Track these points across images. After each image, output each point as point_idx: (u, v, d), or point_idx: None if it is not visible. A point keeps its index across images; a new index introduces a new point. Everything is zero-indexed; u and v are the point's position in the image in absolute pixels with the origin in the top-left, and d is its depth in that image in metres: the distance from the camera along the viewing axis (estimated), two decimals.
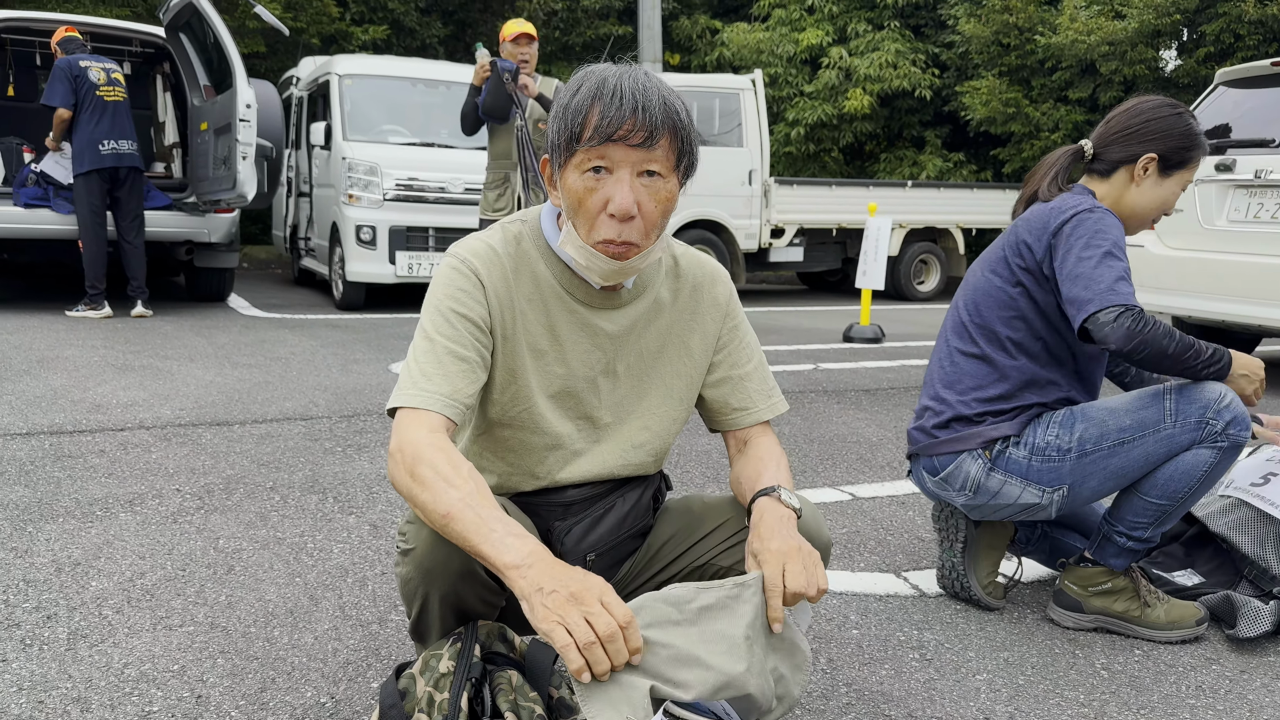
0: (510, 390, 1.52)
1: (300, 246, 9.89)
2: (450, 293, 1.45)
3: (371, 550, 2.60)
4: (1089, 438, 2.10)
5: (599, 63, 1.45)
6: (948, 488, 2.24)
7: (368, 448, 3.65)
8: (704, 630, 1.26)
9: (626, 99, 1.34)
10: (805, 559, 1.37)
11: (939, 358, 2.31)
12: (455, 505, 1.26)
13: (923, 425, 2.29)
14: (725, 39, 15.10)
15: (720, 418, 1.67)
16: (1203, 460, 2.06)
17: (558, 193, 1.45)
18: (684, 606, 1.27)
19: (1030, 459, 2.14)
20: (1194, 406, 2.06)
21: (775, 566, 1.36)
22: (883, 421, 4.42)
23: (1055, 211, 2.14)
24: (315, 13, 13.27)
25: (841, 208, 10.76)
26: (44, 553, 2.49)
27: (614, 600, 1.19)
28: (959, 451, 2.20)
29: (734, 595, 1.31)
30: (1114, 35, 12.07)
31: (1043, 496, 2.16)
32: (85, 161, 6.71)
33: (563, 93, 1.41)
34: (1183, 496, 2.09)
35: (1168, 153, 2.19)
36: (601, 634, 1.15)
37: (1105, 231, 2.06)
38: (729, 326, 1.66)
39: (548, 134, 1.43)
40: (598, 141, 1.35)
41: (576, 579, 1.19)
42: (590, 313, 1.53)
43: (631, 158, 1.36)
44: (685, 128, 1.39)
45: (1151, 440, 2.07)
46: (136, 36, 8.21)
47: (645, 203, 1.39)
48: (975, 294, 2.26)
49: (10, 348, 5.49)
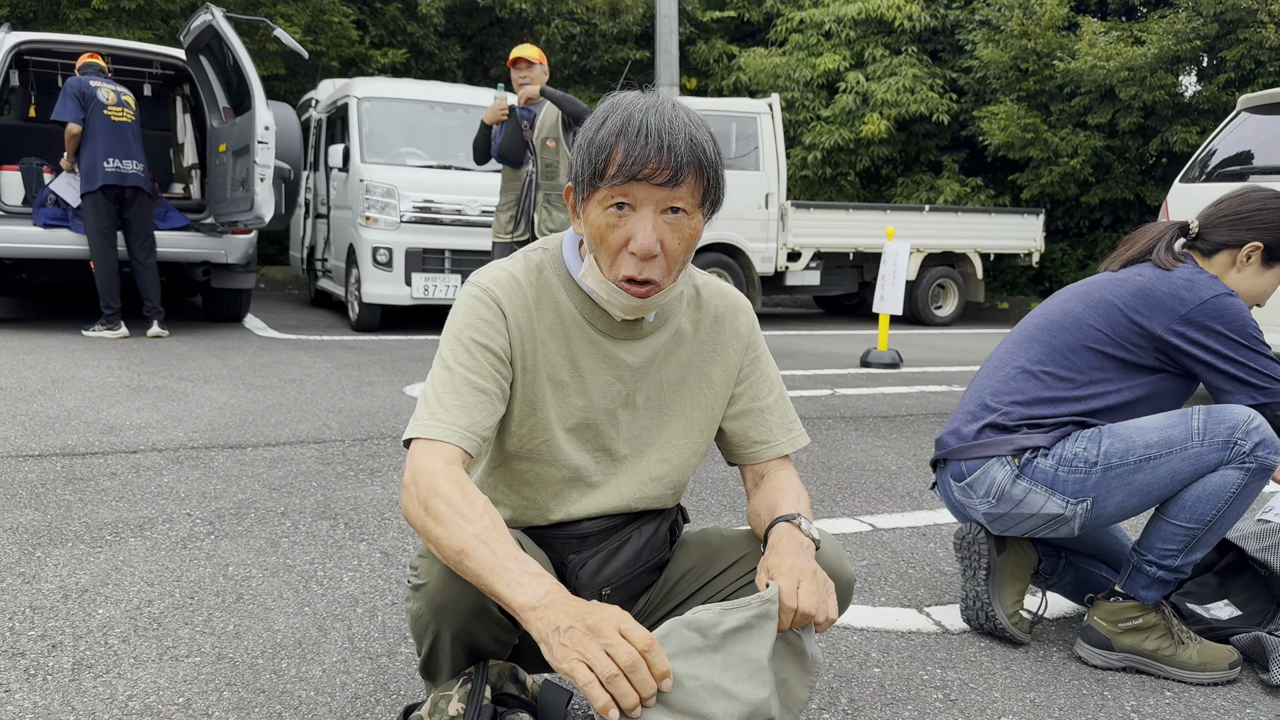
0: (529, 422, 1.48)
1: (317, 268, 9.92)
2: (471, 322, 1.42)
3: (382, 579, 2.55)
4: (1115, 452, 2.08)
5: (621, 90, 1.42)
6: (971, 494, 2.21)
7: (380, 472, 3.61)
8: (729, 655, 1.23)
9: (652, 137, 1.31)
10: (820, 584, 1.34)
11: (992, 369, 2.28)
12: (470, 541, 1.22)
13: (955, 429, 2.26)
14: (742, 63, 15.13)
15: (740, 451, 1.63)
16: (1230, 481, 2.01)
17: (579, 223, 1.41)
18: (709, 632, 1.24)
19: (1057, 469, 2.11)
20: (1222, 426, 2.02)
21: (790, 582, 1.32)
22: (902, 449, 4.36)
23: (1188, 286, 2.11)
24: (335, 36, 13.38)
25: (858, 232, 10.72)
26: (52, 578, 2.46)
27: (632, 626, 1.14)
28: (988, 457, 2.17)
29: (761, 613, 1.27)
30: (1133, 61, 12.02)
31: (1066, 508, 2.12)
32: (92, 179, 6.75)
33: (588, 124, 1.38)
34: (1211, 520, 2.05)
35: (1274, 244, 2.18)
36: (624, 665, 1.11)
37: (1250, 320, 2.10)
38: (750, 358, 1.62)
39: (572, 164, 1.39)
40: (621, 180, 1.32)
41: (592, 611, 1.15)
42: (611, 344, 1.50)
43: (655, 196, 1.32)
44: (711, 164, 1.36)
45: (1178, 458, 2.04)
46: (157, 59, 8.28)
47: (668, 240, 1.35)
48: (1066, 327, 2.21)
49: (26, 367, 5.49)
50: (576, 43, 15.09)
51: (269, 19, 11.94)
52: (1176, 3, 12.12)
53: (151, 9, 11.89)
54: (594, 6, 14.93)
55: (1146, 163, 13.25)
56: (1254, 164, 5.68)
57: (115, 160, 6.80)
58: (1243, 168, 5.70)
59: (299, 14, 12.72)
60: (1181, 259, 2.20)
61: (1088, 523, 2.14)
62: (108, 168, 6.76)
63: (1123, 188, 13.26)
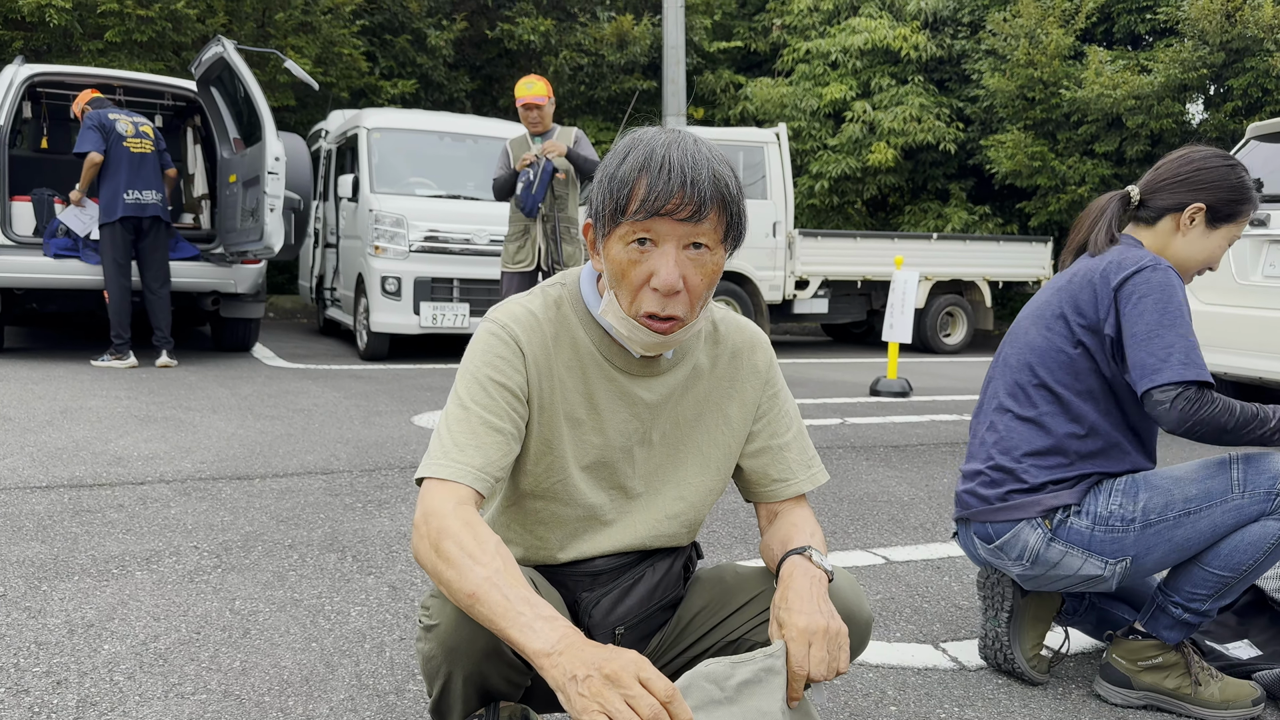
0: (545, 460, 1.46)
1: (326, 297, 9.94)
2: (489, 359, 1.40)
3: (390, 614, 2.52)
4: (1154, 507, 2.00)
5: (630, 120, 1.41)
6: (1003, 556, 2.14)
7: (388, 504, 3.59)
8: (745, 708, 1.23)
9: (674, 172, 1.29)
10: (830, 640, 1.31)
11: (989, 418, 2.21)
12: (481, 585, 1.20)
13: (974, 490, 2.18)
14: (749, 93, 15.22)
15: (759, 489, 1.61)
16: (1271, 532, 1.96)
17: (599, 258, 1.40)
18: (724, 684, 1.23)
19: (1093, 529, 2.03)
20: (1263, 477, 1.96)
21: (800, 646, 1.30)
22: (914, 480, 4.32)
23: (1115, 266, 2.05)
24: (345, 67, 13.49)
25: (866, 260, 10.72)
26: (58, 613, 2.44)
27: (652, 675, 1.11)
28: (1016, 520, 2.10)
29: (768, 668, 1.27)
30: (1140, 90, 12.06)
31: (1105, 568, 2.05)
32: (111, 210, 6.79)
33: (609, 160, 1.37)
34: (1247, 569, 1.99)
35: (1216, 204, 2.11)
36: (646, 717, 1.08)
37: (1173, 292, 1.99)
38: (769, 394, 1.60)
39: (591, 200, 1.38)
40: (644, 216, 1.30)
41: (610, 658, 1.12)
42: (629, 380, 1.48)
43: (678, 231, 1.31)
44: (734, 200, 1.34)
45: (1219, 511, 1.97)
46: (169, 90, 8.35)
47: (691, 276, 1.34)
48: (1030, 353, 2.15)
49: (35, 397, 5.49)
50: (584, 73, 15.20)
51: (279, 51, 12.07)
52: (1182, 31, 12.17)
53: (163, 41, 12.02)
54: (601, 38, 15.05)
55: None
56: (1264, 192, 5.66)
57: (135, 192, 6.86)
58: None
59: (309, 45, 12.84)
60: (1116, 240, 2.14)
61: (1126, 579, 2.07)
62: (128, 199, 6.82)
63: None
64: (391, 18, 14.62)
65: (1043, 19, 13.00)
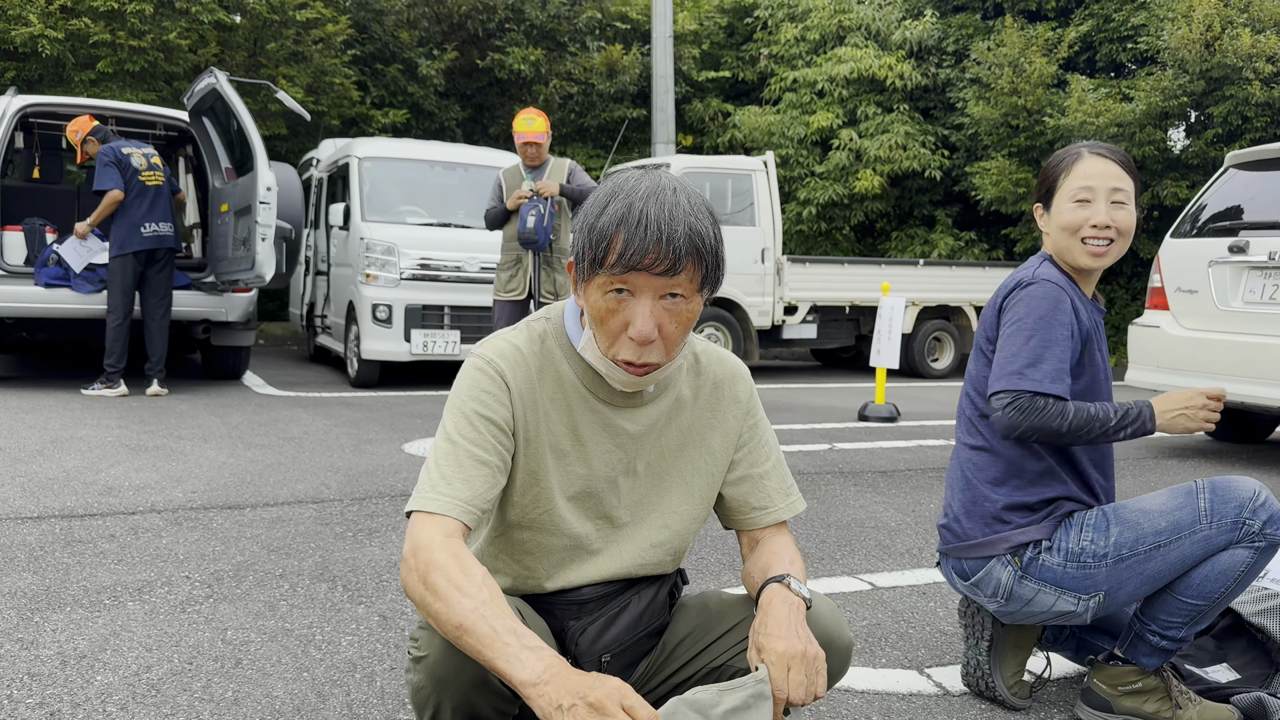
0: (531, 492, 1.50)
1: (316, 324, 9.97)
2: (475, 394, 1.44)
3: (380, 643, 2.55)
4: (1125, 542, 2.04)
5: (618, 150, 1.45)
6: (979, 593, 2.18)
7: (379, 532, 3.61)
8: None
9: (650, 228, 1.33)
10: (809, 665, 1.35)
11: (955, 453, 2.29)
12: (468, 616, 1.23)
13: (949, 525, 2.24)
14: (737, 121, 15.36)
15: (738, 516, 1.65)
16: (1240, 560, 2.00)
17: (581, 298, 1.44)
18: (710, 712, 1.26)
19: (1065, 565, 2.07)
20: (1229, 506, 2.00)
21: (779, 670, 1.34)
22: (901, 505, 4.36)
23: (1003, 286, 2.18)
24: (336, 96, 13.58)
25: (854, 285, 10.81)
26: (50, 644, 2.45)
27: (635, 702, 1.15)
28: (988, 557, 2.14)
29: (758, 693, 1.31)
30: (1122, 117, 12.23)
31: (1078, 604, 2.09)
32: (127, 243, 6.84)
33: (590, 207, 1.41)
34: (1219, 597, 2.03)
35: (1041, 195, 2.23)
36: None
37: (1035, 304, 2.07)
38: (749, 424, 1.64)
39: (573, 243, 1.43)
40: (621, 270, 1.34)
41: (593, 686, 1.16)
42: (612, 411, 1.52)
43: (654, 284, 1.35)
44: (710, 251, 1.38)
45: (1188, 542, 2.01)
46: (161, 120, 8.41)
47: (666, 325, 1.38)
48: (969, 383, 2.25)
49: (25, 427, 5.50)
50: (574, 102, 15.33)
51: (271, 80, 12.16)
52: (1163, 60, 12.36)
53: (155, 71, 12.09)
54: (591, 67, 15.18)
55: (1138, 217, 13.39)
56: (1244, 219, 5.76)
57: (153, 224, 6.94)
58: (1233, 223, 5.78)
59: (301, 75, 12.93)
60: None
61: (1100, 613, 2.11)
62: (145, 232, 6.89)
63: None
64: (382, 47, 14.74)
65: (1026, 48, 13.18)
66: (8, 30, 11.03)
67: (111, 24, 11.43)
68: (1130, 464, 5.61)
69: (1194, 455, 6.06)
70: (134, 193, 6.88)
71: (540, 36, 15.30)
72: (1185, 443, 6.59)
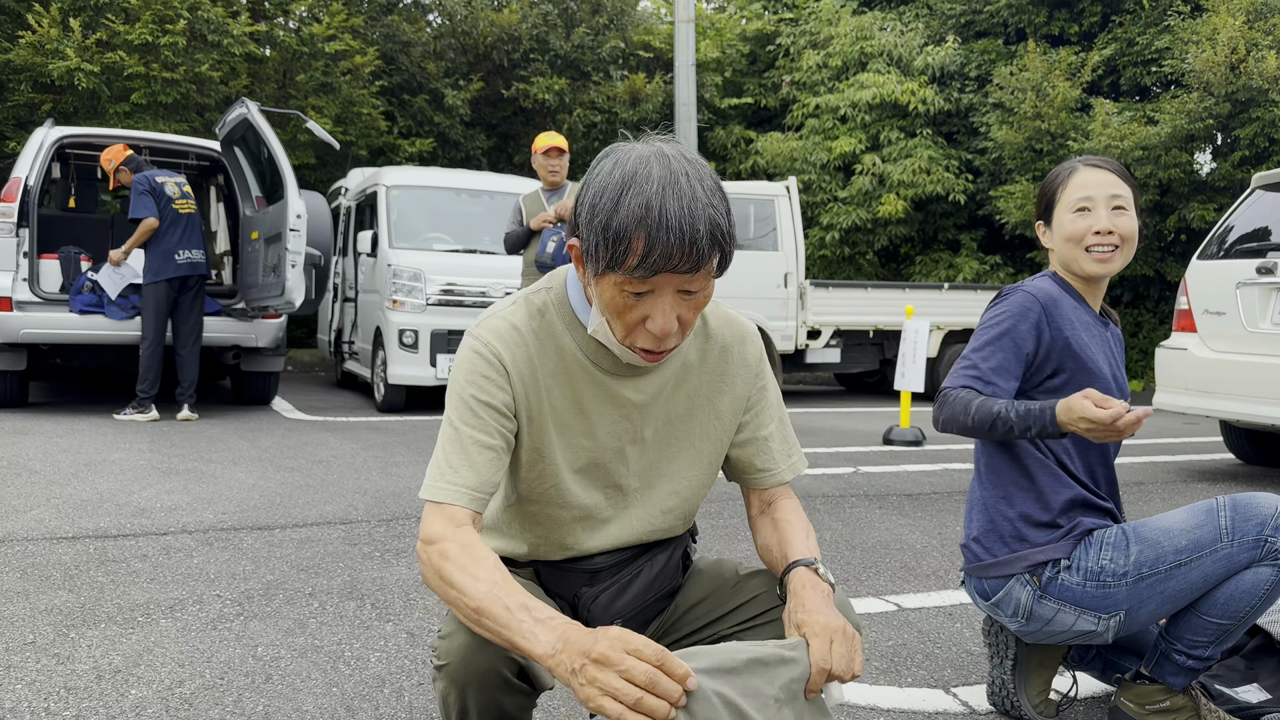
0: (537, 468, 1.52)
1: (344, 350, 10.08)
2: (473, 379, 1.45)
3: (408, 659, 2.57)
4: (1145, 560, 2.03)
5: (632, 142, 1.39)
6: (1000, 612, 2.18)
7: (405, 553, 3.65)
8: (746, 684, 1.27)
9: (674, 231, 1.27)
10: (848, 641, 1.37)
11: (973, 474, 2.30)
12: (483, 600, 1.28)
13: (968, 545, 2.24)
14: (760, 148, 15.44)
15: (743, 475, 1.67)
16: (1264, 578, 1.98)
17: (587, 281, 1.41)
18: (735, 656, 1.28)
19: (1084, 584, 2.06)
20: (1250, 524, 1.98)
21: (823, 641, 1.35)
22: (926, 528, 4.35)
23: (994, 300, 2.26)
24: (364, 126, 13.79)
25: (878, 309, 10.80)
26: (85, 659, 2.50)
27: (639, 643, 1.17)
28: (1007, 576, 2.14)
29: (780, 657, 1.32)
30: (1147, 140, 12.19)
31: (1099, 624, 2.08)
32: (162, 270, 6.98)
33: (599, 191, 1.33)
34: (1244, 615, 2.01)
35: (1041, 212, 2.26)
36: (644, 683, 1.15)
37: (994, 312, 2.17)
38: (758, 387, 1.64)
39: (579, 227, 1.37)
40: (643, 274, 1.30)
41: (594, 642, 1.18)
42: (616, 382, 1.51)
43: (675, 281, 1.33)
44: (727, 238, 1.34)
45: (1209, 561, 1.99)
46: (193, 150, 8.58)
47: (685, 315, 1.38)
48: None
49: (60, 450, 5.59)
50: (598, 130, 15.47)
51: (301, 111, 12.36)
52: (1188, 83, 12.33)
53: (187, 103, 12.33)
54: (615, 95, 15.33)
55: (1165, 239, 13.33)
56: (1271, 240, 5.73)
57: (187, 252, 7.09)
58: (1260, 244, 5.75)
59: (330, 106, 13.15)
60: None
61: (1121, 632, 2.10)
62: (179, 259, 7.04)
63: (1142, 264, 13.32)
64: (409, 78, 14.97)
65: (1049, 73, 13.19)
66: (45, 64, 11.31)
67: (146, 57, 11.68)
68: (1159, 487, 5.56)
69: (1224, 479, 5.99)
70: (168, 220, 7.02)
71: (564, 66, 15.48)
72: (1214, 466, 6.52)
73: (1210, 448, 7.28)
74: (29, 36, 11.28)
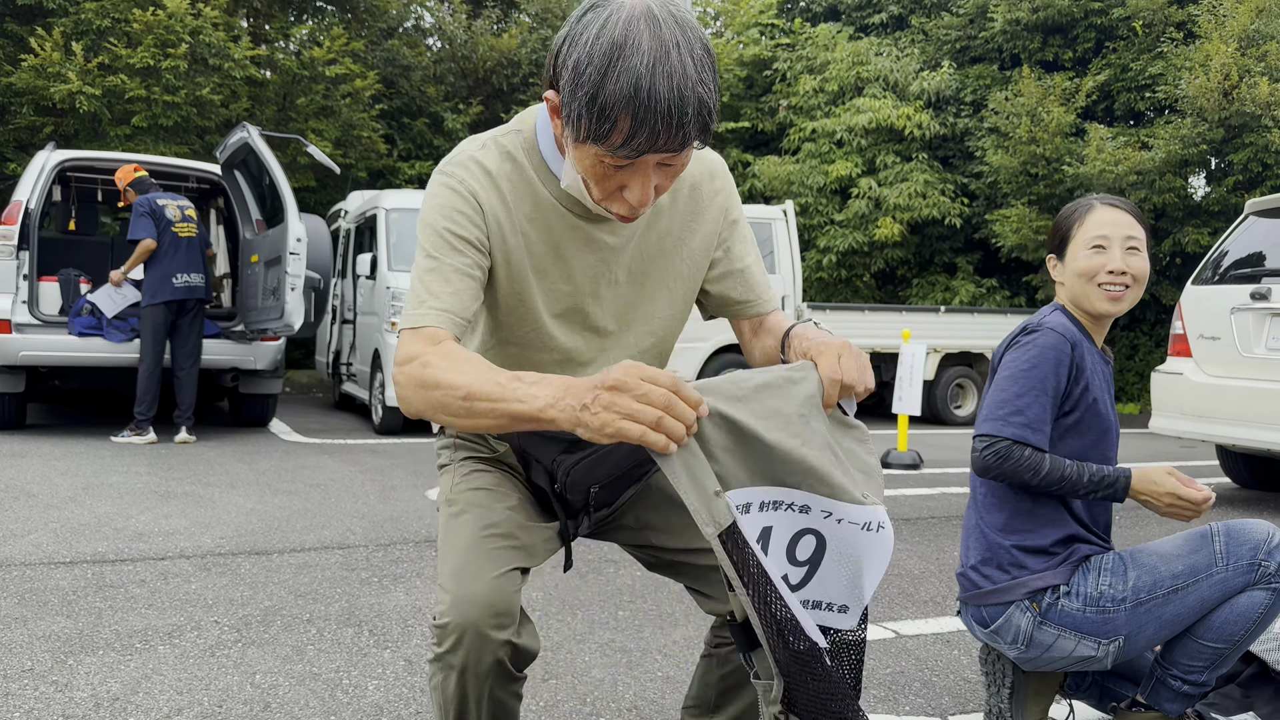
0: (518, 312, 1.54)
1: (342, 371, 10.09)
2: (448, 214, 1.45)
3: (406, 688, 2.57)
4: (1143, 586, 2.05)
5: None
6: (999, 640, 2.19)
7: (403, 578, 3.65)
8: (762, 405, 1.27)
9: (661, 112, 1.24)
10: (857, 356, 1.36)
11: (969, 501, 2.31)
12: (472, 382, 1.27)
13: (966, 572, 2.25)
14: (757, 171, 15.52)
15: (725, 310, 1.69)
16: (1258, 602, 2.00)
17: (563, 135, 1.37)
18: (743, 384, 1.28)
19: (1084, 610, 2.07)
20: (1244, 549, 2.01)
21: (831, 357, 1.34)
22: (924, 553, 4.35)
23: (1011, 335, 2.24)
24: (364, 150, 13.86)
25: (875, 332, 10.83)
26: (83, 686, 2.49)
27: (652, 371, 1.18)
28: (1006, 603, 2.15)
29: (787, 378, 1.32)
30: (1141, 165, 12.28)
31: (1098, 649, 2.09)
32: (159, 293, 7.00)
33: (586, 66, 1.26)
34: (1239, 639, 2.03)
35: (1054, 246, 2.28)
36: (662, 405, 1.16)
37: (1026, 350, 2.14)
38: (728, 221, 1.65)
39: (562, 94, 1.32)
40: (627, 154, 1.28)
41: (607, 374, 1.18)
42: (591, 226, 1.53)
43: (657, 158, 1.32)
44: (712, 113, 1.30)
45: (1205, 585, 2.02)
46: (193, 173, 8.62)
47: (662, 183, 1.38)
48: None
49: (57, 473, 5.59)
50: None
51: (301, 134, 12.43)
52: (1181, 109, 12.43)
53: (188, 126, 12.40)
54: None
55: (1160, 263, 13.40)
56: (1265, 266, 5.77)
57: (185, 275, 7.11)
58: (1254, 270, 5.78)
59: (330, 129, 13.22)
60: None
61: (1120, 658, 2.11)
62: (177, 283, 7.06)
63: None
64: (409, 102, 15.07)
65: (1044, 98, 13.30)
66: (47, 87, 11.38)
67: (147, 80, 11.76)
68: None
69: (1221, 503, 6.00)
70: (166, 243, 7.05)
71: None
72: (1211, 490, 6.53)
73: (1207, 471, 7.29)
74: (31, 60, 11.36)
